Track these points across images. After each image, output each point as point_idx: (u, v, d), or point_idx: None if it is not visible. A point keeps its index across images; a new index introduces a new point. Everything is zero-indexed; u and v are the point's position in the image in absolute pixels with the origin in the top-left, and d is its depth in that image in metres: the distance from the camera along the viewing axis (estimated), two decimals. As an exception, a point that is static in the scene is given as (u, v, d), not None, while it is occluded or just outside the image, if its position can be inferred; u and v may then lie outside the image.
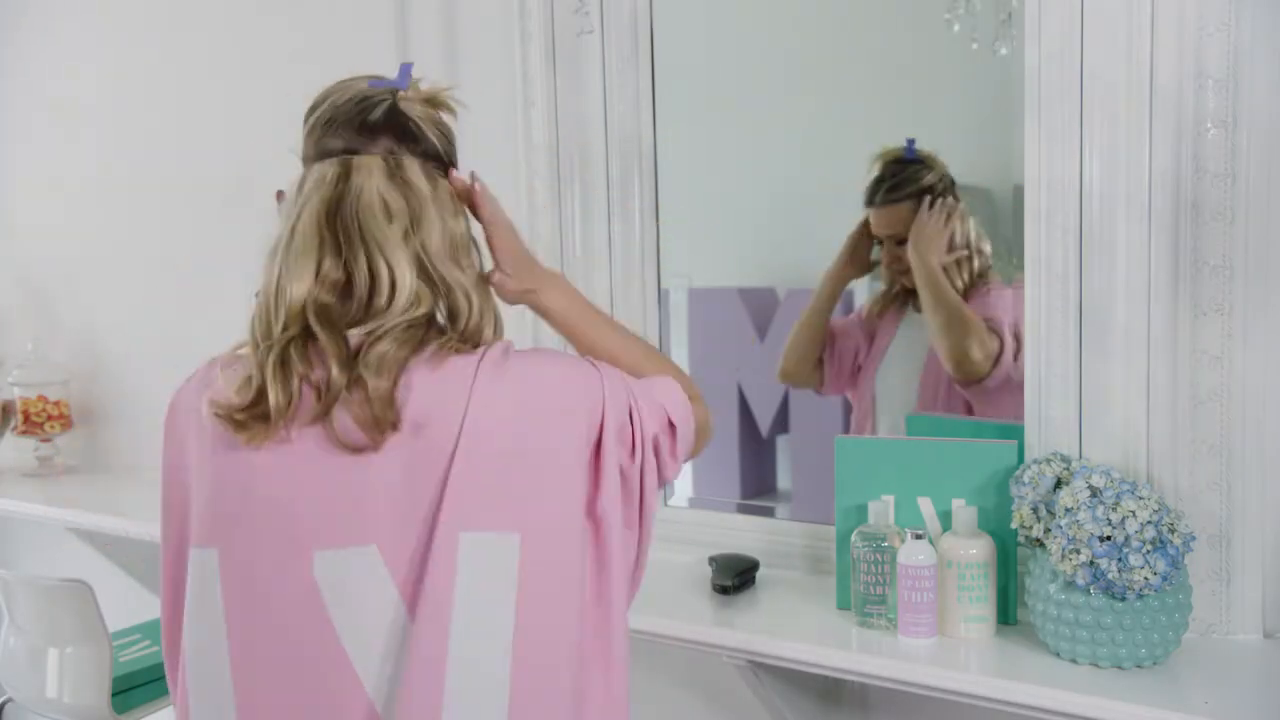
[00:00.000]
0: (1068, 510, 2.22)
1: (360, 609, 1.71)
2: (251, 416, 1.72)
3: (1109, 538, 2.17)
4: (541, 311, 2.08)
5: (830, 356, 3.08)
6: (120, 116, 4.53)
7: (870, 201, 2.95)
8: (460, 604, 1.68)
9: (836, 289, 3.05)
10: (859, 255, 3.01)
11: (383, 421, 1.69)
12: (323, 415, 1.70)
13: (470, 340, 1.81)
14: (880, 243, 2.96)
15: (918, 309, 2.93)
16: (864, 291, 3.06)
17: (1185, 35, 2.28)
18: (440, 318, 1.82)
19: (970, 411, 2.84)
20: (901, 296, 2.98)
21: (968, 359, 2.81)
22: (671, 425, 1.91)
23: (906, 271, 2.93)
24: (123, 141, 4.53)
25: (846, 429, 3.08)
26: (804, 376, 3.11)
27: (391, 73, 1.93)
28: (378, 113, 1.84)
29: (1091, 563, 2.17)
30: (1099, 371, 2.41)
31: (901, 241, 2.91)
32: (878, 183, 2.94)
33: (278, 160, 1.91)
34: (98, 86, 4.60)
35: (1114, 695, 2.11)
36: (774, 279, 3.16)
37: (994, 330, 2.78)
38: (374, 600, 1.70)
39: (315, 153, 1.84)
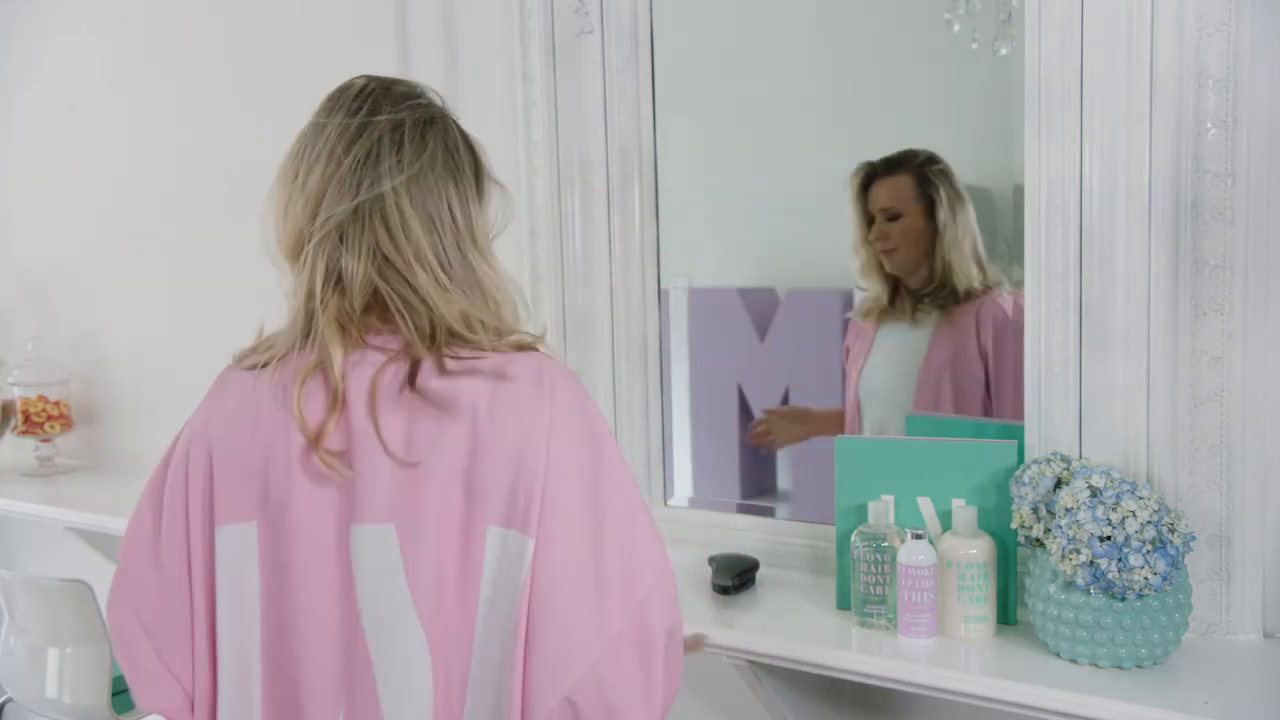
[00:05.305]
0: (1068, 510, 2.22)
1: (376, 581, 1.77)
2: None
3: (1109, 538, 2.17)
4: None
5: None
6: (121, 116, 4.53)
7: (870, 176, 2.94)
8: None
9: None
10: None
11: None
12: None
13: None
14: (871, 222, 2.95)
15: (903, 311, 2.93)
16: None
17: (1185, 35, 2.28)
18: None
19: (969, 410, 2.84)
20: (887, 298, 2.97)
21: None
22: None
23: (893, 250, 2.93)
24: (123, 141, 4.53)
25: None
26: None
27: (392, 72, 1.95)
28: None
29: (1091, 563, 2.17)
30: (1099, 371, 2.41)
31: (894, 217, 2.91)
32: (873, 162, 2.93)
33: (277, 160, 1.91)
34: (99, 86, 4.60)
35: (1114, 695, 2.11)
36: (774, 279, 3.16)
37: None
38: (387, 576, 1.76)
39: None
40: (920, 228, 2.88)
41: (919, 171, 2.87)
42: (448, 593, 1.75)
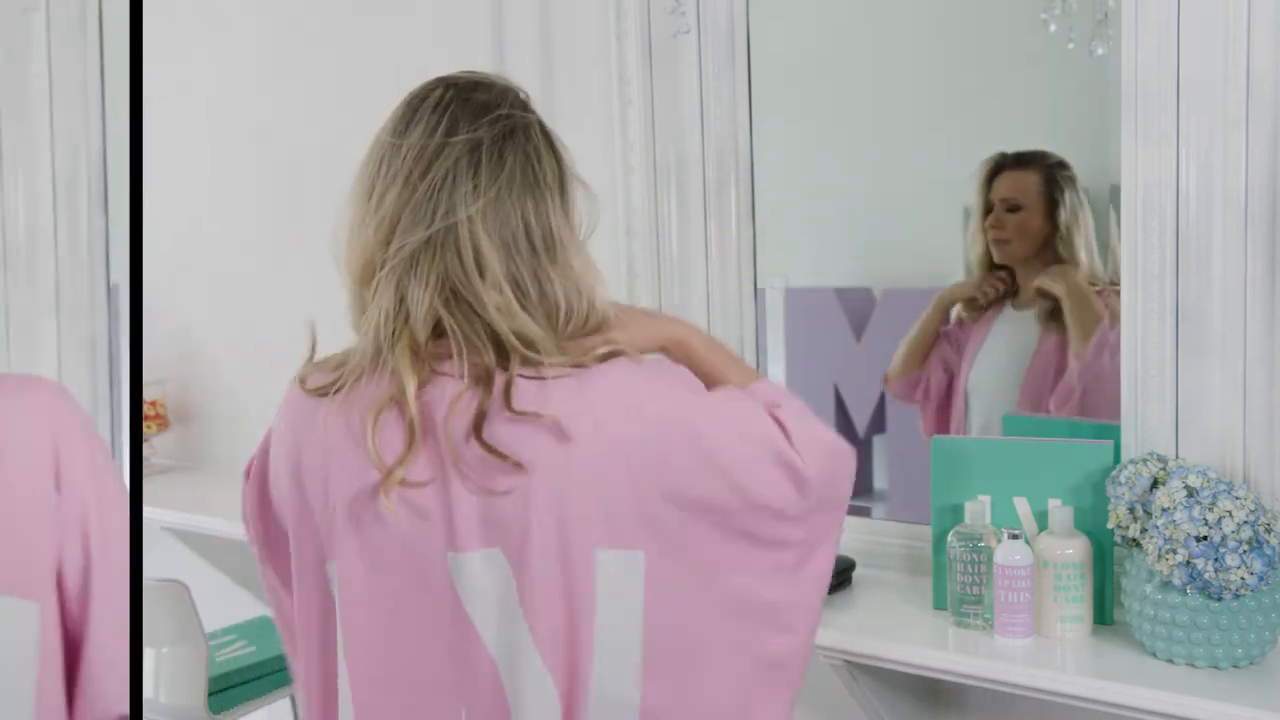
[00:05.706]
0: (1164, 510, 2.22)
1: (489, 607, 1.77)
2: None
3: (1205, 538, 2.16)
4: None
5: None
6: (239, 110, 4.55)
7: (999, 166, 2.95)
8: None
9: (946, 307, 3.06)
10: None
11: None
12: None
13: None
14: (989, 211, 2.95)
15: (1015, 307, 2.94)
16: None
17: (1283, 35, 2.28)
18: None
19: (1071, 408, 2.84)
20: (996, 293, 2.98)
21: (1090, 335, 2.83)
22: None
23: (1005, 241, 2.95)
24: (223, 141, 4.57)
25: (942, 429, 3.07)
26: (906, 387, 3.11)
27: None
28: None
29: (1188, 562, 2.17)
30: (1195, 372, 2.40)
31: (1014, 209, 2.92)
32: (1005, 154, 2.95)
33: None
34: (220, 79, 4.64)
35: (1211, 695, 2.11)
36: (870, 279, 3.17)
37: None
38: (501, 601, 1.76)
39: None
40: (1037, 225, 2.89)
41: (1048, 171, 2.88)
42: (558, 616, 1.74)
